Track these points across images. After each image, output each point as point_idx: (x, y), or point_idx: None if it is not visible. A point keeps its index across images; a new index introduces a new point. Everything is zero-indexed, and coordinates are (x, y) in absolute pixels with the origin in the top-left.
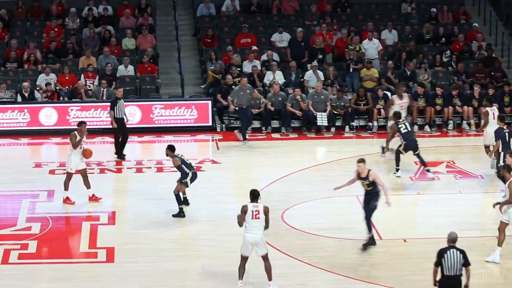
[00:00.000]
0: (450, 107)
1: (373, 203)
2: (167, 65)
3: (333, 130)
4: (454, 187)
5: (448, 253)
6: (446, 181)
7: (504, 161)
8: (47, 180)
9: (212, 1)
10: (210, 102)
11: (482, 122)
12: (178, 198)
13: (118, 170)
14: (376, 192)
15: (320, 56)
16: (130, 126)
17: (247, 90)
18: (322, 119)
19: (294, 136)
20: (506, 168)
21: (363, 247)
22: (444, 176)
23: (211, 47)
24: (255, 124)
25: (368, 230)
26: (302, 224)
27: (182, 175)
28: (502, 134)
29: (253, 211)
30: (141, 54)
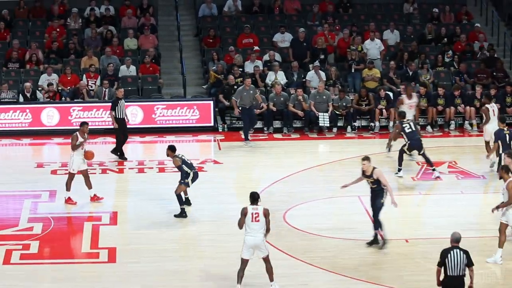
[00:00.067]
0: (452, 108)
1: (379, 201)
2: (169, 65)
3: (335, 130)
4: (456, 188)
5: (451, 253)
6: (448, 181)
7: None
8: (49, 180)
9: (214, 1)
10: (212, 103)
11: (484, 119)
12: (179, 198)
13: (120, 171)
14: (381, 189)
15: (322, 56)
16: (132, 126)
17: (251, 91)
18: (324, 120)
19: (296, 136)
20: (504, 168)
21: (380, 246)
22: (446, 176)
23: (213, 47)
24: (257, 124)
25: (377, 227)
26: (304, 224)
27: (183, 175)
28: (502, 135)
29: (252, 214)
30: (143, 54)
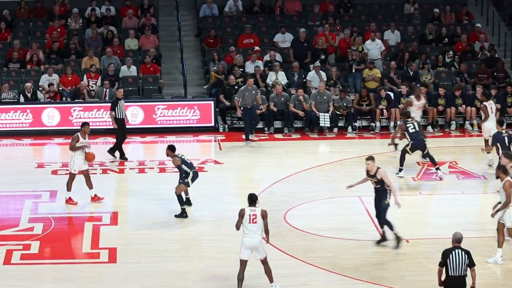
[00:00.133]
0: (453, 108)
1: (383, 202)
2: (170, 65)
3: (335, 130)
4: (457, 188)
5: (453, 253)
6: (449, 181)
7: None
8: (50, 180)
9: (214, 1)
10: (212, 103)
11: (483, 117)
12: (180, 198)
13: (121, 171)
14: (384, 190)
15: (322, 56)
16: (133, 126)
17: (253, 91)
18: (324, 120)
19: (296, 136)
20: (501, 168)
21: (395, 247)
22: (446, 176)
23: (214, 48)
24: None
25: (389, 229)
26: (304, 224)
27: (182, 175)
28: (501, 138)
29: (250, 215)
30: (143, 54)
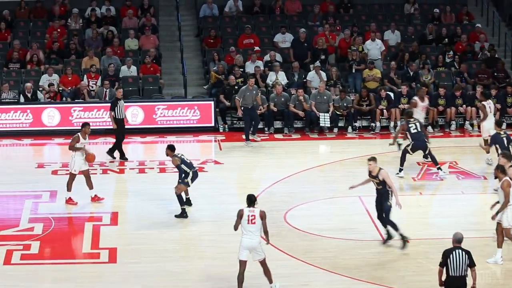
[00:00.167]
0: (453, 108)
1: (386, 204)
2: (170, 65)
3: (335, 130)
4: (457, 188)
5: (453, 253)
6: (449, 181)
7: None
8: (50, 180)
9: (215, 1)
10: (213, 103)
11: (481, 116)
12: (180, 198)
13: (121, 171)
14: (386, 191)
15: (322, 56)
16: (133, 126)
17: (254, 91)
18: (324, 120)
19: (296, 136)
20: (500, 168)
21: (401, 247)
22: (446, 176)
23: (214, 48)
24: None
25: (394, 230)
26: (304, 224)
27: (182, 175)
28: (500, 139)
29: (248, 216)
30: (143, 54)
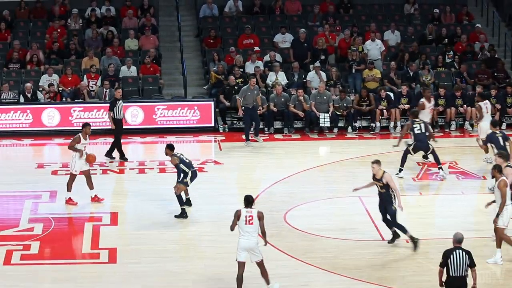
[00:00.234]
0: (453, 108)
1: (390, 208)
2: (170, 65)
3: (335, 131)
4: (457, 188)
5: (454, 254)
6: (449, 181)
7: None
8: (50, 181)
9: (214, 1)
10: (212, 103)
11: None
12: (180, 199)
13: (121, 171)
14: (389, 194)
15: (322, 56)
16: (133, 126)
17: (255, 91)
18: (324, 120)
19: (296, 137)
20: (497, 168)
21: (413, 248)
22: (446, 176)
23: (214, 48)
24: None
25: (402, 232)
26: (304, 225)
27: (181, 175)
28: (495, 138)
29: (246, 217)
30: (143, 54)
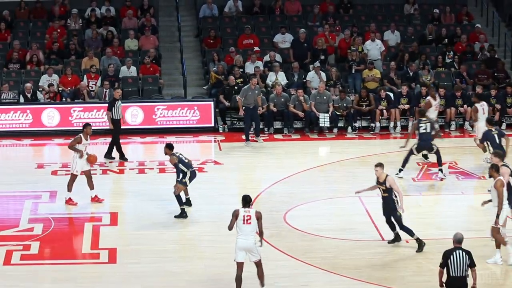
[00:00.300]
0: (453, 108)
1: (395, 213)
2: (170, 66)
3: (335, 131)
4: (457, 188)
5: (454, 254)
6: (449, 182)
7: None
8: (50, 181)
9: (214, 2)
10: (212, 103)
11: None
12: (179, 198)
13: (120, 171)
14: (392, 199)
15: (322, 57)
16: (133, 127)
17: (256, 91)
18: (324, 120)
19: (296, 137)
20: (494, 168)
21: (418, 249)
22: (446, 177)
23: (214, 48)
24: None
25: (409, 235)
26: (304, 225)
27: (180, 175)
28: (491, 136)
29: (244, 216)
30: (143, 55)
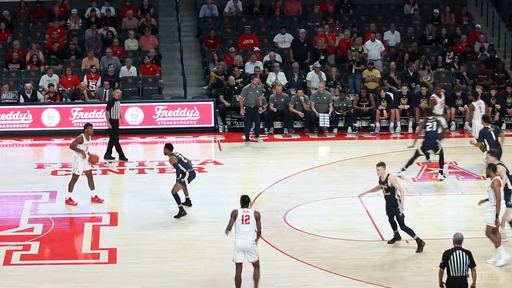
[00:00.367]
0: (453, 108)
1: (397, 214)
2: (170, 66)
3: (335, 131)
4: (457, 188)
5: (454, 254)
6: (449, 182)
7: None
8: (50, 181)
9: (214, 2)
10: (212, 103)
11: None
12: (176, 197)
13: (120, 171)
14: (394, 198)
15: (322, 57)
16: (133, 127)
17: (257, 91)
18: (324, 120)
19: (296, 137)
20: (491, 167)
21: (418, 250)
22: (446, 177)
23: (214, 48)
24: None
25: (410, 235)
26: (304, 225)
27: (179, 174)
28: (487, 133)
29: (243, 216)
30: (143, 55)
